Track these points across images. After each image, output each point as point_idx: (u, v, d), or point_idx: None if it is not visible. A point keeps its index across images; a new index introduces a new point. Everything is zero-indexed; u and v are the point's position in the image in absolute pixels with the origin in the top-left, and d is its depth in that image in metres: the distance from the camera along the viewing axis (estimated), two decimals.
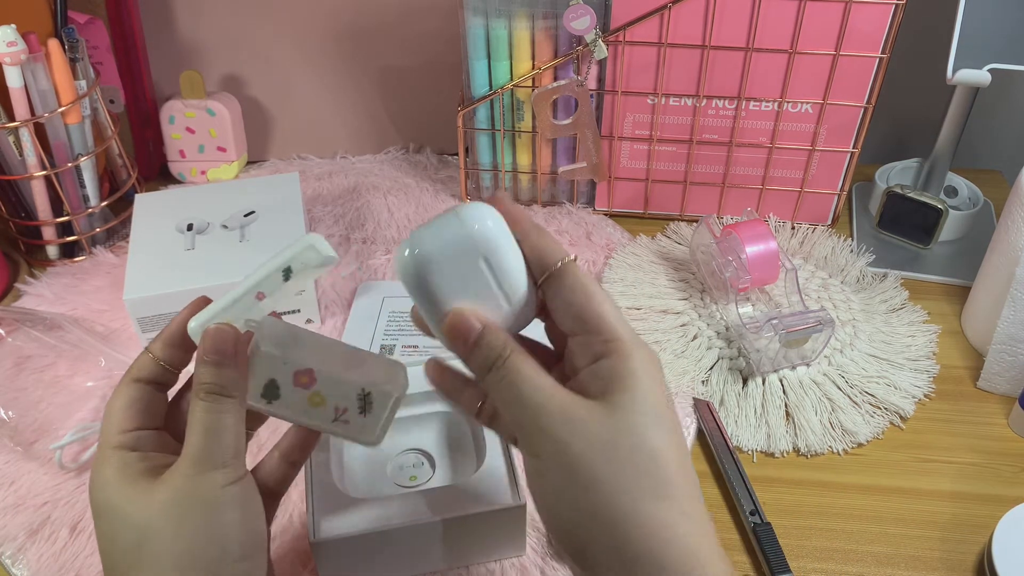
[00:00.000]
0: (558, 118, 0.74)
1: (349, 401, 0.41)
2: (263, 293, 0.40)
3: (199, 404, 0.37)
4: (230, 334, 0.38)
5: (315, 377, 0.40)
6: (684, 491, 0.34)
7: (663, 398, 0.36)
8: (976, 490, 0.56)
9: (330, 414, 0.41)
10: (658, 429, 0.34)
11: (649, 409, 0.35)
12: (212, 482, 0.37)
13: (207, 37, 0.83)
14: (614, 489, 0.33)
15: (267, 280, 0.40)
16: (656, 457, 0.34)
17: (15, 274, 0.75)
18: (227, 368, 0.38)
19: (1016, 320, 0.60)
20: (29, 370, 0.61)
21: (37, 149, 0.69)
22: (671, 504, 0.34)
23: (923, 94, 0.81)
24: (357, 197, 0.82)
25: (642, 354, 0.36)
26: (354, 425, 0.42)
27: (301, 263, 0.40)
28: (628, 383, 0.35)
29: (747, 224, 0.66)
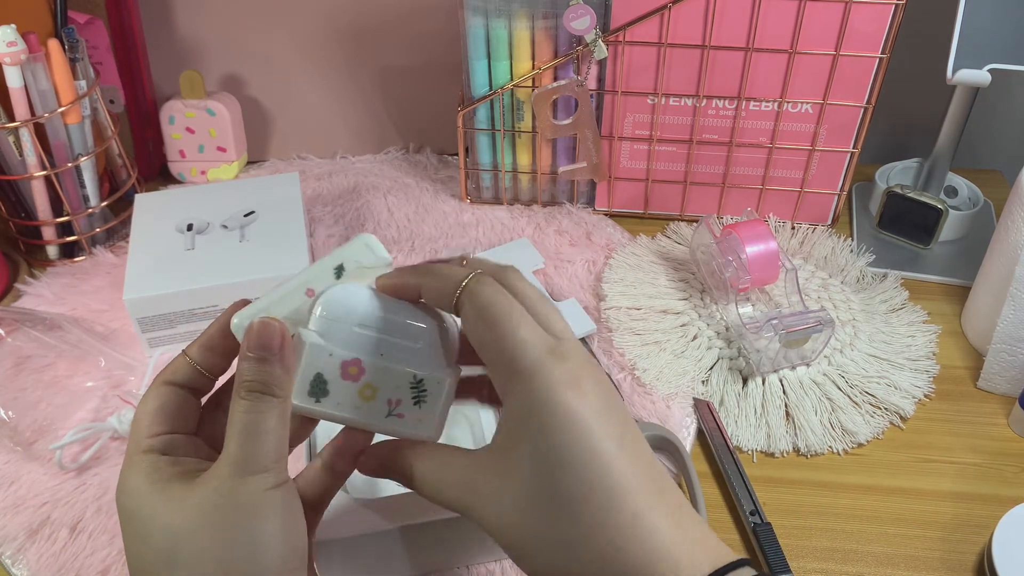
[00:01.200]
0: (558, 118, 0.74)
1: (402, 392, 0.38)
2: (313, 290, 0.38)
3: (240, 403, 0.35)
4: (276, 328, 0.36)
5: (364, 367, 0.38)
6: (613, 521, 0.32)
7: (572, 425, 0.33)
8: (976, 490, 0.56)
9: (383, 409, 0.38)
10: (562, 472, 0.32)
11: (548, 453, 0.33)
12: (252, 487, 0.34)
13: (207, 37, 0.83)
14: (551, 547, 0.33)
15: (319, 276, 0.38)
16: (565, 506, 0.32)
17: (15, 274, 0.75)
18: (272, 365, 0.35)
19: (1016, 320, 0.60)
20: (29, 370, 0.61)
21: (37, 149, 0.69)
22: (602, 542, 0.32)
23: (923, 94, 0.81)
24: (357, 197, 0.82)
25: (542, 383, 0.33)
26: (409, 419, 0.39)
27: (355, 262, 0.39)
28: (522, 431, 0.33)
29: (747, 224, 0.66)
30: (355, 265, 0.38)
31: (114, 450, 0.58)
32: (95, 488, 0.56)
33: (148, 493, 0.35)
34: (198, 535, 0.33)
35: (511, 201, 0.81)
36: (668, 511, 0.33)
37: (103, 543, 0.53)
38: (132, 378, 0.63)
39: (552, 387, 0.33)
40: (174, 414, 0.37)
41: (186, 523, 0.33)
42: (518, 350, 0.34)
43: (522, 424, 0.33)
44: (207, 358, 0.38)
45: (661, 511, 0.33)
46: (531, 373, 0.33)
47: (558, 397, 0.33)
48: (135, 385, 0.62)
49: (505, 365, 0.34)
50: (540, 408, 0.33)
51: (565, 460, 0.32)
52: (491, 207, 0.81)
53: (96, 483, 0.56)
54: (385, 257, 0.39)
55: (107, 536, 0.53)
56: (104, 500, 0.55)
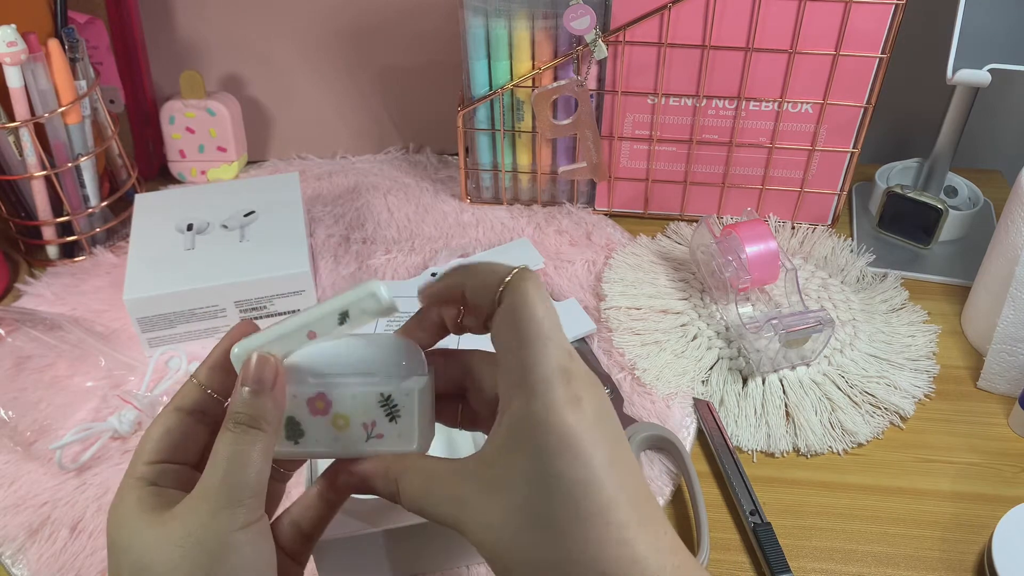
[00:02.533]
0: (558, 118, 0.74)
1: (374, 413, 0.38)
2: (315, 333, 0.38)
3: (226, 435, 0.35)
4: (273, 364, 0.36)
5: (329, 399, 0.38)
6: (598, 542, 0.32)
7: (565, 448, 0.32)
8: (976, 490, 0.56)
9: (360, 434, 0.38)
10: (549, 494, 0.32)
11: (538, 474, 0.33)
12: (223, 522, 0.34)
13: (207, 37, 0.83)
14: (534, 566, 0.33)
15: (322, 321, 0.38)
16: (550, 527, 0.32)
17: (15, 274, 0.75)
18: (263, 399, 0.36)
19: (1016, 320, 0.60)
20: (29, 370, 0.61)
21: (37, 149, 0.69)
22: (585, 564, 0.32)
23: (923, 94, 0.81)
24: (357, 197, 0.82)
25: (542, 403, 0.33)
26: (389, 437, 0.38)
27: (359, 309, 0.38)
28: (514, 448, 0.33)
29: (747, 224, 0.66)
30: (359, 312, 0.38)
31: (114, 450, 0.58)
32: (95, 488, 0.56)
33: (131, 521, 0.35)
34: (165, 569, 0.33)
35: (511, 201, 0.81)
36: (653, 533, 0.33)
37: (103, 543, 0.53)
38: (132, 378, 0.63)
39: (554, 405, 0.33)
40: (176, 443, 0.37)
41: (156, 556, 0.34)
42: (534, 362, 0.33)
43: (518, 439, 0.33)
44: (216, 378, 0.38)
45: (647, 535, 0.33)
46: (538, 389, 0.33)
47: (558, 414, 0.33)
48: (135, 385, 0.62)
49: (515, 370, 0.34)
50: (539, 428, 0.33)
51: (557, 478, 0.32)
52: (491, 207, 0.81)
53: (96, 483, 0.56)
54: (391, 306, 0.38)
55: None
56: (104, 500, 0.55)
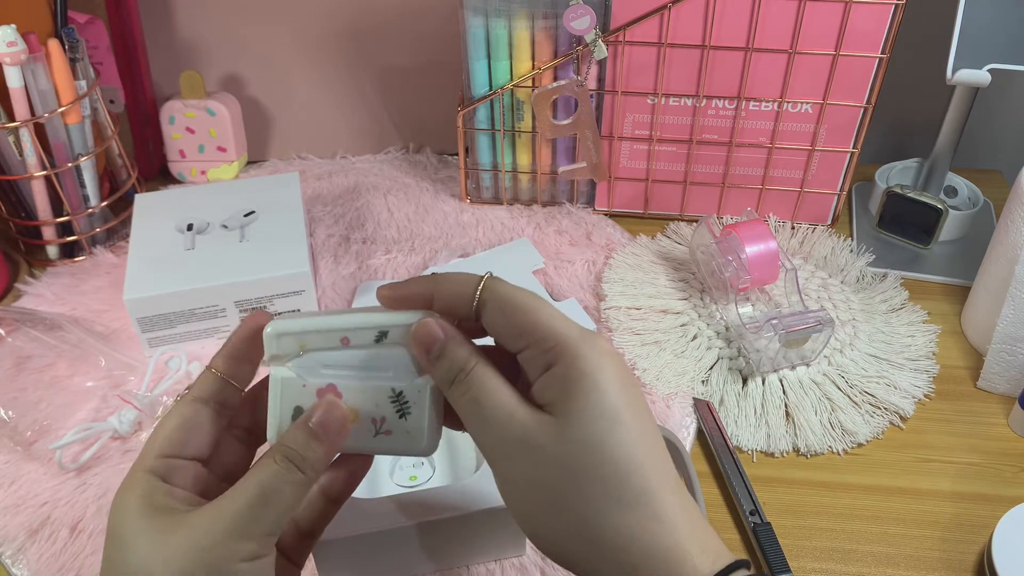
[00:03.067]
0: (558, 118, 0.74)
1: (384, 408, 0.37)
2: (349, 340, 0.37)
3: (270, 466, 0.35)
4: (341, 414, 0.36)
5: (340, 391, 0.37)
6: (655, 492, 0.33)
7: (622, 395, 0.33)
8: (976, 490, 0.56)
9: (369, 429, 0.37)
10: (617, 434, 0.33)
11: (605, 414, 0.33)
12: (233, 549, 0.33)
13: (207, 37, 0.83)
14: (582, 508, 0.33)
15: (359, 333, 0.37)
16: (617, 466, 0.33)
17: (15, 274, 0.75)
18: (320, 445, 0.36)
19: (1016, 320, 0.60)
20: (29, 370, 0.61)
21: (37, 149, 0.69)
22: (643, 511, 0.33)
23: (923, 94, 0.81)
24: (357, 197, 0.82)
25: (592, 351, 0.34)
26: (398, 435, 0.37)
27: (400, 334, 0.37)
28: (577, 389, 0.33)
29: (747, 224, 0.66)
30: (399, 337, 0.37)
31: (114, 450, 0.58)
32: (95, 488, 0.56)
33: (135, 517, 0.34)
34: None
35: (511, 201, 0.81)
36: (679, 503, 0.34)
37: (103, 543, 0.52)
38: (132, 378, 0.63)
39: (600, 351, 0.34)
40: (191, 435, 0.37)
41: (157, 563, 0.33)
42: (559, 325, 0.34)
43: (575, 383, 0.33)
44: (233, 367, 0.38)
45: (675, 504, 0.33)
46: (577, 340, 0.34)
47: (607, 360, 0.34)
48: (135, 385, 0.62)
49: (546, 340, 0.34)
50: (593, 368, 0.33)
51: (618, 423, 0.33)
52: (491, 207, 0.81)
53: (96, 483, 0.56)
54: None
55: None
56: (104, 500, 0.55)
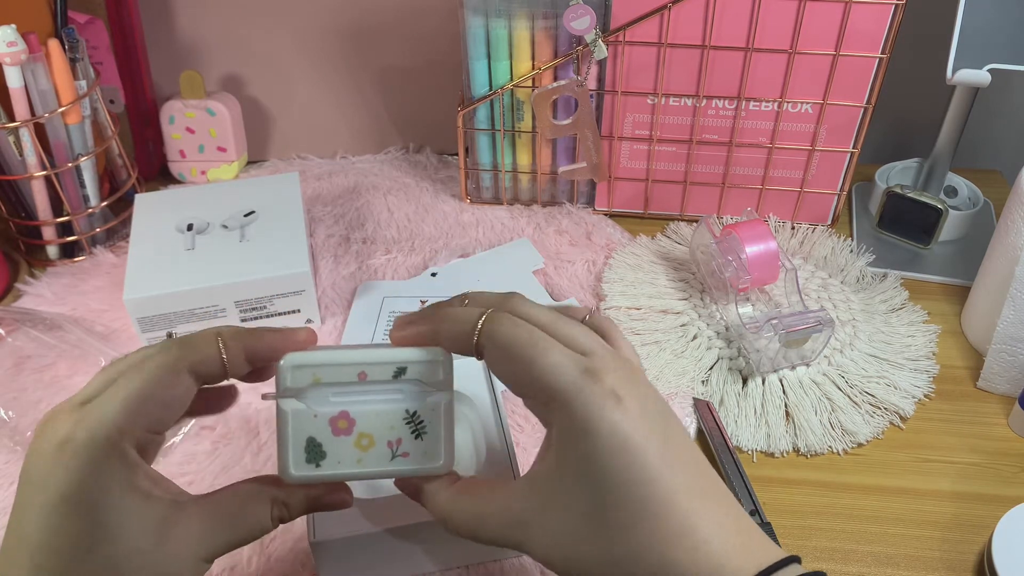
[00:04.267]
0: (558, 118, 0.74)
1: (399, 430, 0.37)
2: (366, 375, 0.36)
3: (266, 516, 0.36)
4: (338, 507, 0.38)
5: (352, 418, 0.37)
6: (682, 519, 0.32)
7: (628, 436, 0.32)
8: (976, 490, 0.56)
9: (385, 453, 0.37)
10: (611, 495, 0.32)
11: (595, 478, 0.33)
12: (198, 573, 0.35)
13: (207, 37, 0.83)
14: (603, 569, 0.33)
15: (377, 369, 0.36)
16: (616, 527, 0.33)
17: (15, 274, 0.75)
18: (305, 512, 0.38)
19: (1016, 320, 0.60)
20: (29, 370, 0.61)
21: (37, 149, 0.69)
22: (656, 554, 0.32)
23: (923, 94, 0.81)
24: (357, 197, 0.82)
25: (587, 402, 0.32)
26: (415, 455, 0.38)
27: (418, 372, 0.37)
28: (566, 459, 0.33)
29: (747, 224, 0.66)
30: (418, 375, 0.37)
31: None
32: None
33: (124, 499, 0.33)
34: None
35: (511, 201, 0.81)
36: (714, 515, 0.33)
37: None
38: None
39: (591, 407, 0.33)
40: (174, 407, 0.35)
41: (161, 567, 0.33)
42: (550, 377, 0.33)
43: (567, 449, 0.33)
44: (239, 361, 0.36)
45: (708, 517, 0.33)
46: (569, 397, 0.33)
47: (599, 416, 0.32)
48: None
49: (541, 393, 0.34)
50: (584, 431, 0.33)
51: (615, 482, 0.32)
52: (491, 207, 0.81)
53: None
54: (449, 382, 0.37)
55: None
56: None
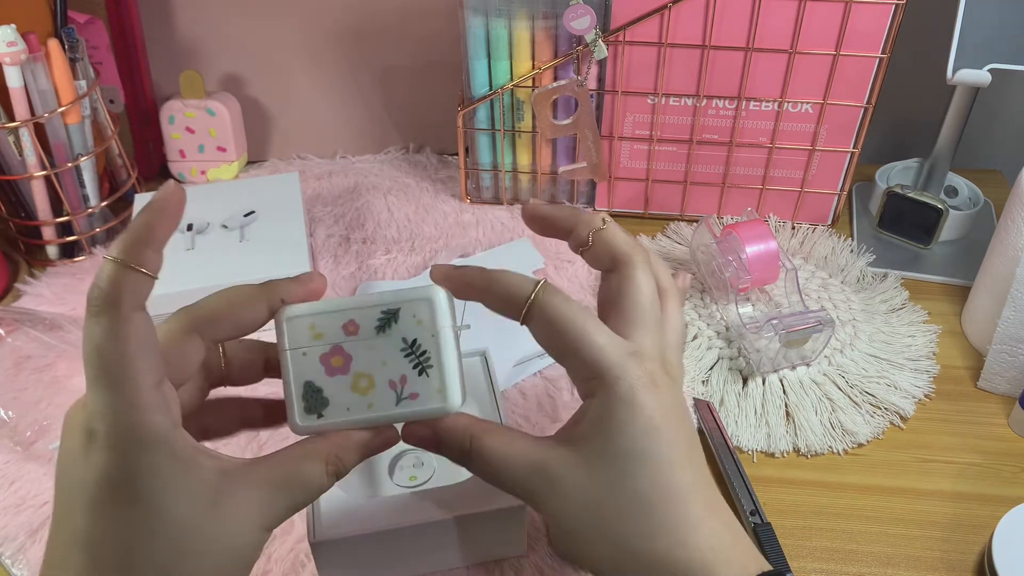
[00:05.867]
0: (558, 118, 0.74)
1: (400, 366, 0.34)
2: (356, 324, 0.34)
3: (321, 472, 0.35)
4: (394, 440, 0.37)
5: (347, 353, 0.34)
6: (680, 521, 0.34)
7: (653, 432, 0.34)
8: (976, 490, 0.56)
9: (390, 396, 0.35)
10: (639, 472, 0.34)
11: (630, 453, 0.34)
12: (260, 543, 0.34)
13: (207, 37, 0.83)
14: (607, 537, 0.34)
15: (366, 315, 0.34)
16: (637, 503, 0.34)
17: (15, 274, 0.75)
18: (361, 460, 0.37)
19: (1016, 320, 0.60)
20: (29, 370, 0.61)
21: (37, 149, 0.69)
22: (667, 539, 0.34)
23: (923, 94, 0.81)
24: (357, 197, 0.82)
25: (630, 387, 0.35)
26: (424, 395, 0.34)
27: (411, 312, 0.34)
28: (604, 430, 0.35)
29: (747, 224, 0.66)
30: (412, 318, 0.35)
31: None
32: None
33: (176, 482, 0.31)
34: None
35: (511, 201, 0.81)
36: (723, 518, 0.36)
37: None
38: None
39: (634, 389, 0.35)
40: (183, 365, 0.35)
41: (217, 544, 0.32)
42: (598, 354, 0.35)
43: (603, 420, 0.35)
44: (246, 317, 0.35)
45: (718, 517, 0.35)
46: (614, 376, 0.35)
47: (639, 399, 0.34)
48: None
49: (586, 368, 0.35)
50: (622, 408, 0.34)
51: (642, 460, 0.34)
52: (491, 207, 0.81)
53: None
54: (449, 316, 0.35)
55: None
56: None
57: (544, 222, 0.41)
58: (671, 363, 0.39)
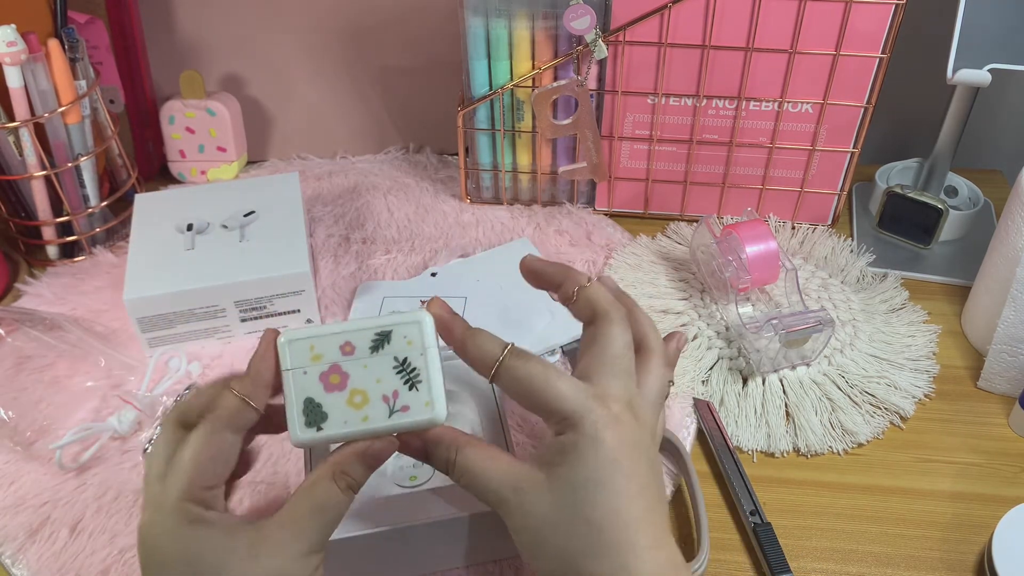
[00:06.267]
0: (558, 118, 0.74)
1: (393, 382, 0.38)
2: (352, 345, 0.38)
3: (334, 490, 0.39)
4: (394, 448, 0.40)
5: (344, 371, 0.38)
6: (628, 546, 0.38)
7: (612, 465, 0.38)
8: (976, 490, 0.56)
9: (383, 409, 0.38)
10: (596, 499, 0.38)
11: (587, 483, 0.38)
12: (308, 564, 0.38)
13: (207, 37, 0.83)
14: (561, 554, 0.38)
15: (360, 336, 0.38)
16: (591, 525, 0.38)
17: (15, 274, 0.75)
18: (371, 472, 0.40)
19: (1016, 320, 0.60)
20: (29, 370, 0.61)
21: (37, 149, 0.69)
22: (612, 561, 0.37)
23: (923, 94, 0.81)
24: (357, 197, 0.82)
25: (594, 426, 0.38)
26: (415, 408, 0.38)
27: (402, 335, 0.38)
28: (568, 459, 0.39)
29: (747, 224, 0.66)
30: (402, 338, 0.39)
31: (114, 450, 0.58)
32: (95, 488, 0.56)
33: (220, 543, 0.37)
34: None
35: (511, 201, 0.81)
36: (668, 553, 0.39)
37: (103, 543, 0.53)
38: (132, 378, 0.63)
39: (597, 425, 0.39)
40: (227, 462, 0.39)
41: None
42: (562, 402, 0.39)
43: (569, 452, 0.39)
44: (260, 394, 0.39)
45: (664, 551, 0.39)
46: (579, 416, 0.39)
47: (601, 434, 0.38)
48: (135, 385, 0.62)
49: (554, 415, 0.39)
50: (585, 442, 0.38)
51: (599, 488, 0.38)
52: (491, 207, 0.81)
53: (96, 483, 0.56)
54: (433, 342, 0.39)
55: (107, 536, 0.53)
56: (104, 500, 0.55)
57: (538, 276, 0.46)
58: (640, 409, 0.42)
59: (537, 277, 0.46)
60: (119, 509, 0.54)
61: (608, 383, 0.41)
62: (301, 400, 0.38)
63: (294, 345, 0.39)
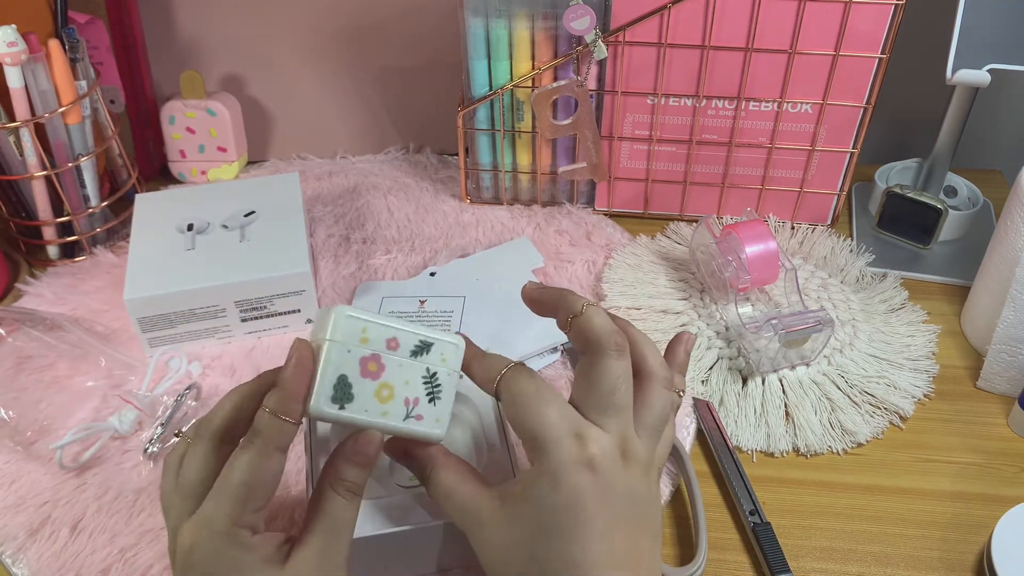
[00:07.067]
0: (558, 118, 0.74)
1: (417, 389, 0.40)
2: (397, 343, 0.40)
3: (338, 500, 0.40)
4: (377, 441, 0.40)
5: (382, 363, 0.39)
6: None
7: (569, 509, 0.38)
8: (976, 490, 0.56)
9: (401, 411, 0.39)
10: (548, 539, 0.38)
11: (541, 521, 0.38)
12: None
13: (207, 37, 0.83)
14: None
15: (411, 335, 0.40)
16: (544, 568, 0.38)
17: (15, 274, 0.75)
18: (367, 471, 0.41)
19: (1016, 320, 0.60)
20: (29, 370, 0.61)
21: (37, 149, 0.69)
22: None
23: (923, 94, 0.81)
24: (357, 197, 0.82)
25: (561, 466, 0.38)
26: (427, 420, 0.40)
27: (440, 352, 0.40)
28: (526, 496, 0.39)
29: (747, 224, 0.66)
30: (439, 354, 0.40)
31: (114, 450, 0.58)
32: (95, 488, 0.56)
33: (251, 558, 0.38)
34: None
35: (511, 201, 0.81)
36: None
37: (103, 542, 0.53)
38: (132, 378, 0.63)
39: (560, 466, 0.38)
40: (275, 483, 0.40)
41: None
42: (541, 427, 0.39)
43: (529, 489, 0.39)
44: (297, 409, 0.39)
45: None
46: (547, 450, 0.39)
47: (563, 477, 0.38)
48: (135, 385, 0.62)
49: (529, 436, 0.39)
50: (545, 483, 0.38)
51: (553, 533, 0.38)
52: (491, 207, 0.81)
53: (96, 483, 0.56)
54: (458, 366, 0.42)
55: (107, 536, 0.53)
56: (104, 500, 0.55)
57: (536, 304, 0.46)
58: (631, 444, 0.41)
59: (536, 305, 0.46)
60: (119, 509, 0.54)
61: (596, 420, 0.40)
62: (336, 375, 0.38)
63: (347, 321, 0.39)
